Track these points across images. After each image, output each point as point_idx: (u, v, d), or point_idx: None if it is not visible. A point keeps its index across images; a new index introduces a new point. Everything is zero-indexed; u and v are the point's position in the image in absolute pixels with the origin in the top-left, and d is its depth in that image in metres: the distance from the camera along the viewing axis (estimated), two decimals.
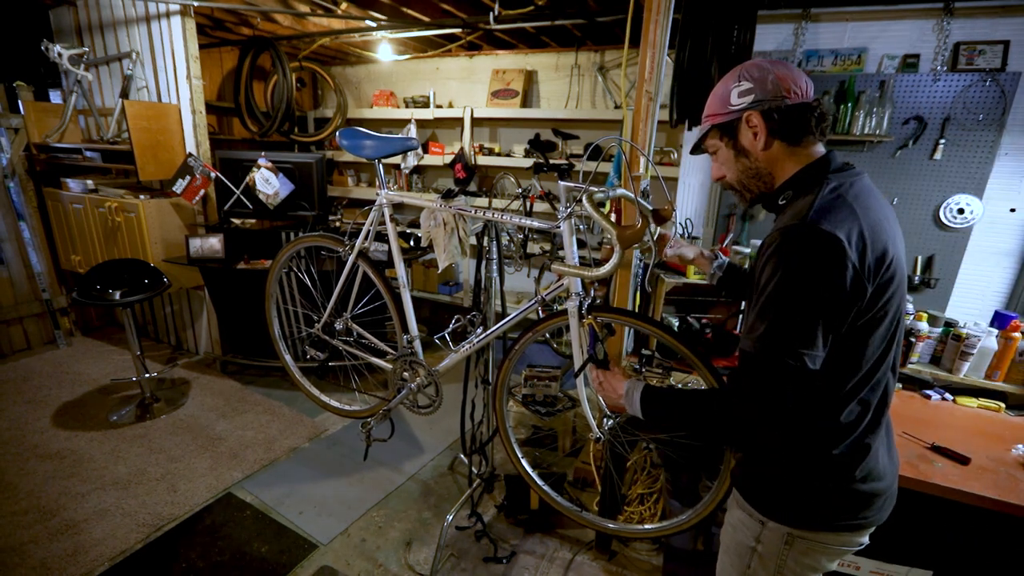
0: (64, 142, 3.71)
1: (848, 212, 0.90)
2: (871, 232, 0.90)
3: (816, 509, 1.02)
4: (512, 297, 4.19)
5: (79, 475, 2.56)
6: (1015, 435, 1.74)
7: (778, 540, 1.05)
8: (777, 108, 1.00)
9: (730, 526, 1.16)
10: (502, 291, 2.18)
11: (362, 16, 3.40)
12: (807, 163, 1.02)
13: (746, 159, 1.07)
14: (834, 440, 0.99)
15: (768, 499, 1.06)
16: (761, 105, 1.01)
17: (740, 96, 1.03)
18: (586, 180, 1.39)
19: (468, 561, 2.16)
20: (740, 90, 1.03)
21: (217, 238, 3.33)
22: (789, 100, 1.00)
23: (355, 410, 2.21)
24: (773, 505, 1.05)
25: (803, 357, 0.88)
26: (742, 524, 1.11)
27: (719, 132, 1.09)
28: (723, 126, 1.08)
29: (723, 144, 1.10)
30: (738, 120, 1.05)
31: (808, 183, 1.00)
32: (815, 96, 1.03)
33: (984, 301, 2.39)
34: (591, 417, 1.62)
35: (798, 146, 1.03)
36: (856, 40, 2.43)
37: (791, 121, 1.01)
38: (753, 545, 1.09)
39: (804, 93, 1.01)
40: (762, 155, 1.05)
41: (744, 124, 1.05)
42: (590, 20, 3.11)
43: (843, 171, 1.00)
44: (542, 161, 3.09)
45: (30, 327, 3.98)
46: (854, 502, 1.01)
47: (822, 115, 1.02)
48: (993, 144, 2.23)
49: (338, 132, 1.89)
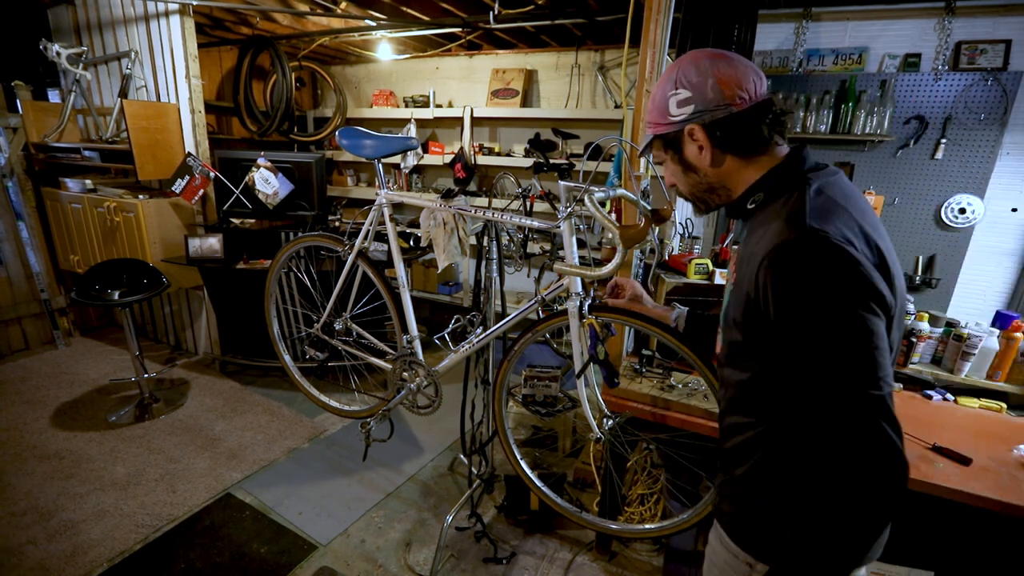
0: (63, 142, 3.70)
1: (846, 216, 0.80)
2: (872, 232, 0.81)
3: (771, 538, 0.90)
4: (512, 297, 4.19)
5: (78, 476, 2.55)
6: (1016, 435, 1.73)
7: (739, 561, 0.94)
8: (722, 120, 0.87)
9: (714, 567, 1.02)
10: (502, 291, 2.17)
11: (362, 15, 3.40)
12: (772, 165, 0.90)
13: (695, 174, 0.95)
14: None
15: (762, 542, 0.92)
16: (702, 117, 0.88)
17: (679, 107, 0.90)
18: (586, 180, 1.39)
19: (468, 562, 2.15)
20: (678, 99, 0.90)
21: (216, 238, 3.32)
22: (735, 107, 0.86)
23: (354, 410, 2.21)
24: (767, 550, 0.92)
25: (880, 383, 0.76)
26: (728, 567, 0.97)
27: (662, 143, 0.97)
28: (664, 138, 0.95)
29: (668, 157, 0.98)
30: (680, 132, 0.92)
31: (783, 183, 0.88)
32: (768, 93, 0.89)
33: (985, 301, 2.39)
34: (591, 417, 1.61)
35: (754, 155, 0.91)
36: (857, 39, 2.42)
37: (740, 133, 0.88)
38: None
39: (753, 94, 0.87)
40: (711, 171, 0.93)
41: (687, 138, 0.92)
42: (590, 19, 3.11)
43: (818, 170, 0.89)
44: (542, 161, 3.08)
45: (28, 327, 3.97)
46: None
47: (777, 117, 0.89)
48: (995, 143, 2.22)
49: (338, 131, 1.89)
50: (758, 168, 0.91)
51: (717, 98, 0.87)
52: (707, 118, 0.88)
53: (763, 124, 0.88)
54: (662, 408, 1.88)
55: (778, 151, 0.92)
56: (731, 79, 0.86)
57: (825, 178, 0.87)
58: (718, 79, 0.86)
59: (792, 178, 0.88)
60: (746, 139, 0.89)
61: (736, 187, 0.94)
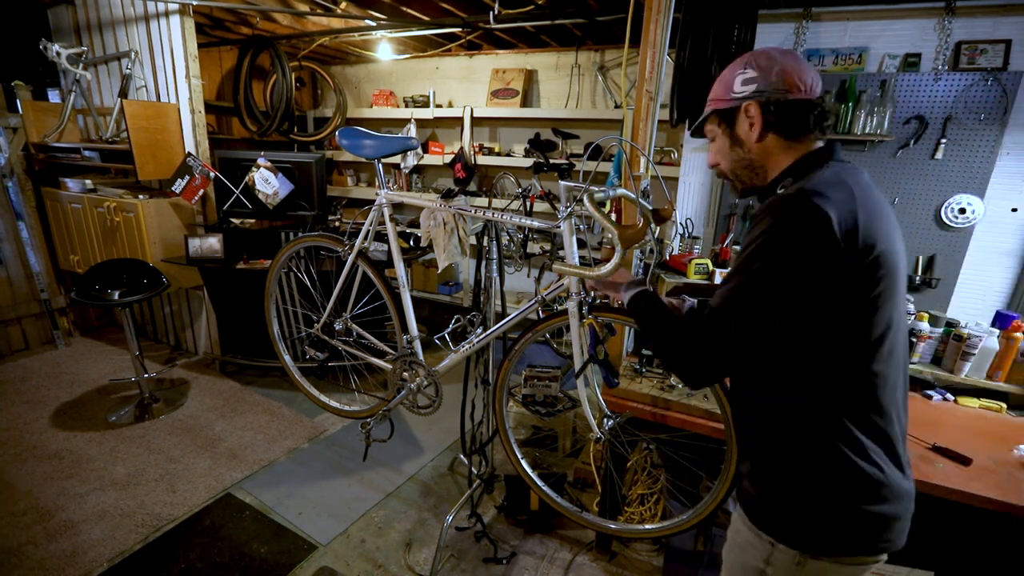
0: (63, 142, 3.70)
1: (846, 194, 0.88)
2: (866, 218, 0.87)
3: (829, 534, 0.97)
4: (512, 297, 4.19)
5: (78, 476, 2.55)
6: (1017, 435, 1.73)
7: (789, 562, 0.99)
8: (776, 102, 0.98)
9: (736, 546, 1.10)
10: (502, 291, 2.17)
11: (362, 15, 3.40)
12: (805, 153, 1.00)
13: (740, 149, 1.05)
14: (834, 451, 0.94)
15: (780, 522, 1.01)
16: (761, 96, 0.99)
17: (743, 84, 1.01)
18: (586, 180, 1.39)
19: (468, 562, 2.15)
20: (744, 78, 1.01)
21: (216, 238, 3.32)
22: (791, 95, 0.98)
23: (355, 410, 2.20)
24: (785, 528, 1.00)
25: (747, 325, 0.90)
26: (750, 545, 1.05)
27: (718, 118, 1.08)
28: (723, 112, 1.06)
29: (720, 131, 1.08)
30: (737, 109, 1.03)
31: (809, 168, 0.98)
32: (821, 93, 1.00)
33: (985, 301, 2.38)
34: (591, 417, 1.61)
35: (794, 142, 1.01)
36: (857, 39, 2.42)
37: (789, 117, 0.99)
38: (763, 567, 1.03)
39: (809, 89, 0.98)
40: (756, 147, 1.03)
41: (743, 114, 1.02)
42: (590, 19, 3.11)
43: (845, 162, 0.99)
44: (542, 161, 3.08)
45: (28, 327, 3.97)
46: (869, 526, 0.96)
47: (823, 113, 0.99)
48: (995, 144, 2.22)
49: (338, 131, 1.89)
50: (793, 154, 1.01)
51: (778, 83, 0.98)
52: (764, 97, 0.99)
53: (810, 115, 0.98)
54: (662, 408, 1.88)
55: (814, 144, 1.02)
56: (794, 71, 0.98)
57: (848, 167, 0.96)
58: (783, 67, 0.98)
59: (819, 163, 0.97)
60: (792, 123, 0.99)
61: (772, 169, 1.04)
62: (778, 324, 0.91)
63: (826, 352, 0.92)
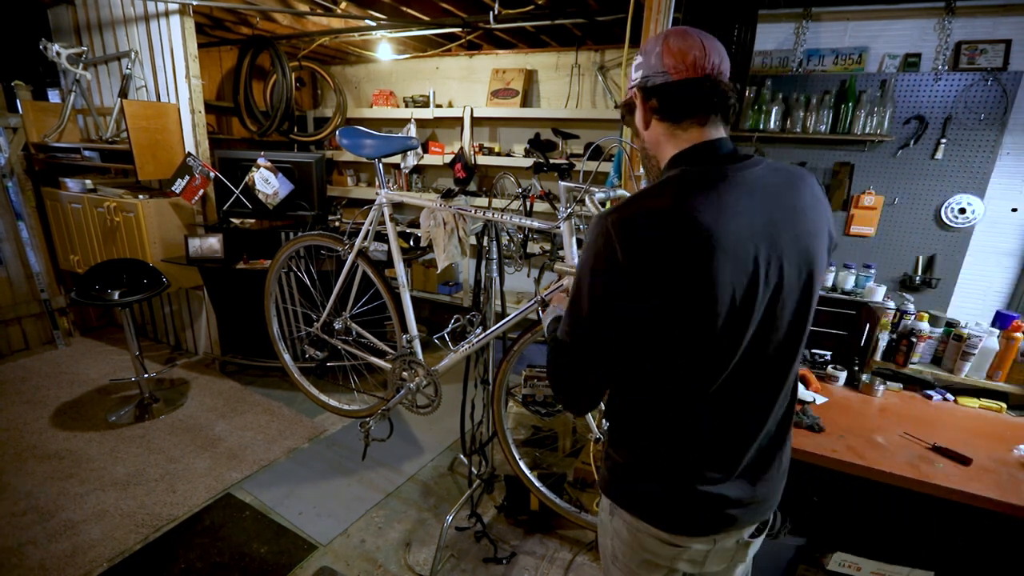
0: (63, 141, 3.69)
1: (645, 214, 0.81)
2: (688, 229, 0.78)
3: (628, 491, 1.02)
4: (512, 297, 4.19)
5: (77, 476, 2.55)
6: (1016, 435, 1.73)
7: (607, 508, 1.07)
8: (657, 86, 0.90)
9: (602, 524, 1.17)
10: (502, 291, 2.17)
11: (362, 15, 3.40)
12: (684, 148, 0.91)
13: (639, 139, 1.00)
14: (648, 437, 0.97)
15: (601, 475, 1.09)
16: (644, 82, 0.92)
17: (635, 71, 0.95)
18: (586, 180, 1.39)
19: (468, 562, 2.15)
20: (635, 64, 0.95)
21: (216, 238, 3.32)
22: (672, 76, 0.88)
23: (354, 410, 2.21)
24: (603, 480, 1.08)
25: (574, 335, 0.91)
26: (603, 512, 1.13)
27: (625, 110, 1.02)
28: (626, 104, 1.01)
29: (628, 122, 1.03)
30: (632, 97, 0.97)
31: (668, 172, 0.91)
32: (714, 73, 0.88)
33: (985, 301, 2.39)
34: (591, 417, 1.61)
35: (677, 127, 0.91)
36: (857, 39, 2.42)
37: (668, 99, 0.90)
38: (601, 513, 1.12)
39: (694, 68, 0.87)
40: (646, 135, 0.97)
41: (635, 102, 0.96)
42: (590, 19, 3.11)
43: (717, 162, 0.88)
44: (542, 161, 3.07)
45: (28, 327, 3.97)
46: (664, 501, 0.97)
47: (706, 95, 0.88)
48: (995, 144, 2.22)
49: (338, 131, 1.89)
50: (675, 145, 0.92)
51: (657, 65, 0.89)
52: (646, 82, 0.92)
53: (693, 97, 0.89)
54: None
55: (701, 134, 0.91)
56: (675, 50, 0.88)
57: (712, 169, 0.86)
58: (663, 49, 0.89)
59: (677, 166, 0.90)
60: (672, 106, 0.91)
61: (661, 159, 0.96)
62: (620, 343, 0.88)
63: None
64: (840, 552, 1.71)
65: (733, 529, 0.98)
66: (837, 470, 1.54)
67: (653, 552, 1.00)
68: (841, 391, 2.02)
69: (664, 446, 0.95)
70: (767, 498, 1.01)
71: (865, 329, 2.10)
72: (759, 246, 0.82)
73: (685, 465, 0.94)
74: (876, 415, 1.84)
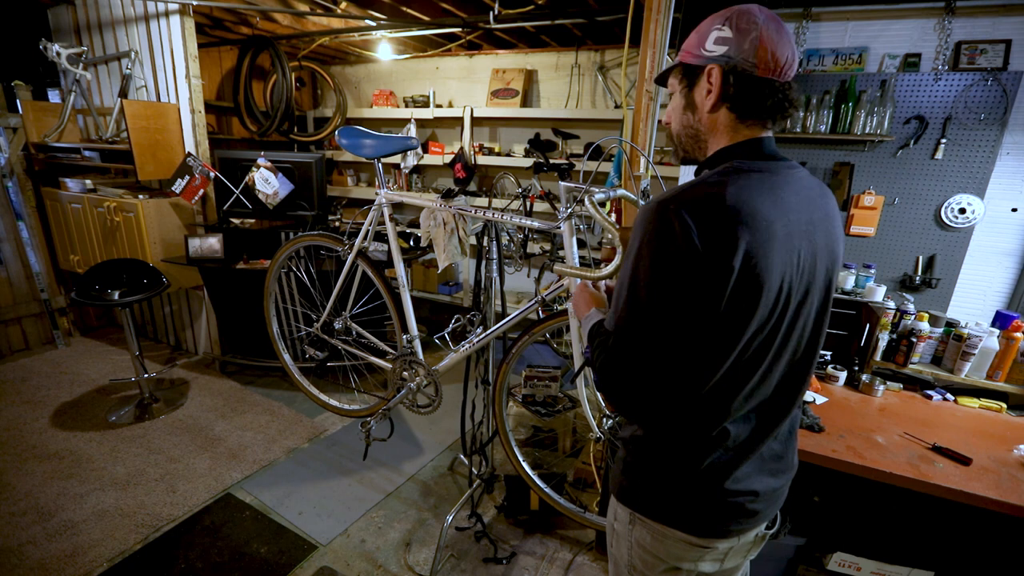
0: (63, 142, 3.69)
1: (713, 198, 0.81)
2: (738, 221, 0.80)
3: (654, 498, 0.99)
4: (512, 297, 4.19)
5: (77, 476, 2.55)
6: (1017, 436, 1.73)
7: (625, 518, 1.04)
8: (741, 73, 0.88)
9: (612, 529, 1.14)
10: (502, 291, 2.17)
11: (362, 15, 3.40)
12: (737, 141, 0.92)
13: (692, 115, 0.96)
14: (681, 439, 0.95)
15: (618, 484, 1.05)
16: (728, 63, 0.88)
17: (715, 43, 0.90)
18: (586, 180, 1.39)
19: (468, 562, 2.15)
20: (719, 36, 0.89)
21: (216, 238, 3.32)
22: (759, 71, 0.87)
23: (355, 409, 2.21)
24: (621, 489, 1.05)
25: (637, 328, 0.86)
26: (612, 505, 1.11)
27: (681, 72, 0.97)
28: (688, 68, 0.95)
29: (680, 88, 0.98)
30: (702, 69, 0.92)
31: (718, 162, 0.92)
32: (791, 78, 0.90)
33: (985, 301, 2.38)
34: (591, 417, 1.61)
35: (742, 123, 0.92)
36: (857, 39, 2.42)
37: (747, 94, 0.89)
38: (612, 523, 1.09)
39: (780, 70, 0.87)
40: (706, 117, 0.94)
41: (704, 77, 0.92)
42: (590, 19, 3.11)
43: (766, 159, 0.90)
44: (542, 161, 3.08)
45: (28, 327, 3.97)
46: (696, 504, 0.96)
47: (784, 101, 0.90)
48: (995, 144, 2.22)
49: (338, 131, 1.89)
50: (731, 137, 0.93)
51: (750, 52, 0.86)
52: (731, 64, 0.88)
53: (770, 99, 0.89)
54: None
55: (761, 131, 0.93)
56: (772, 43, 0.86)
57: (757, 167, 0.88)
58: (761, 37, 0.86)
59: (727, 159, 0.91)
60: (748, 102, 0.90)
61: (712, 145, 0.96)
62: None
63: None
64: (840, 552, 1.71)
65: (756, 523, 0.99)
66: (837, 470, 1.54)
67: (679, 557, 0.99)
68: (841, 391, 2.03)
69: (699, 445, 0.93)
70: (784, 490, 1.03)
71: (865, 329, 2.10)
72: (801, 243, 0.87)
73: (718, 464, 0.93)
74: (876, 415, 1.84)
